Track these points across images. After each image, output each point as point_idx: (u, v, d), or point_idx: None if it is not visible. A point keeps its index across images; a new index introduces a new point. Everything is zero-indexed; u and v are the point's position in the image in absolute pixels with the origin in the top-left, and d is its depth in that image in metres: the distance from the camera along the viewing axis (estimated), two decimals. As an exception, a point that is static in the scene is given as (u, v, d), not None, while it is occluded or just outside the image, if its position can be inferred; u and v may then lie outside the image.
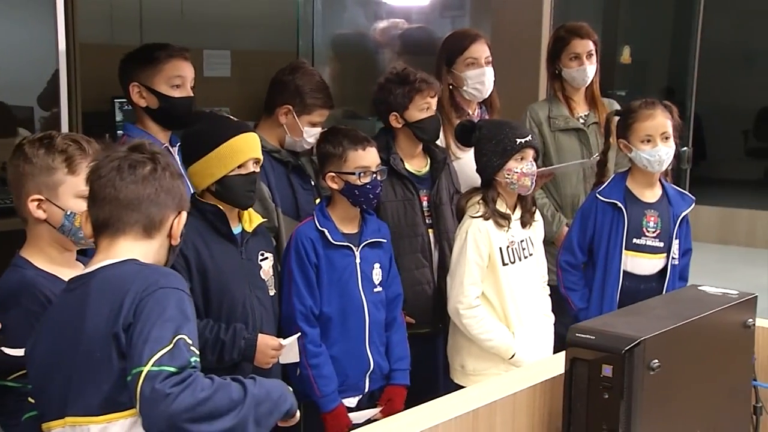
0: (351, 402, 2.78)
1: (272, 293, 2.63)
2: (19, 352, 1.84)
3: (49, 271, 2.03)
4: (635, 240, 3.08)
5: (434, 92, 3.10)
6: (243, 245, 2.53)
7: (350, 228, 2.79)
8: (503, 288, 2.94)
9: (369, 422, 2.12)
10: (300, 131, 3.04)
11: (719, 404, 1.95)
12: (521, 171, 2.92)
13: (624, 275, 3.07)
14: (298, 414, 1.83)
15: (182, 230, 1.84)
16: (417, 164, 3.14)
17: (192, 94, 2.79)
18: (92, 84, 3.17)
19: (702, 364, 1.86)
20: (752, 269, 7.37)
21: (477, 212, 2.95)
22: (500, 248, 2.94)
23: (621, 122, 3.15)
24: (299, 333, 2.62)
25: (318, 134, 3.02)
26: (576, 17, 4.43)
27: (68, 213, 2.03)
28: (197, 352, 1.64)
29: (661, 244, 3.09)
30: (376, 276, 2.81)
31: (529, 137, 2.99)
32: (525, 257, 3.02)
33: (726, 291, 1.99)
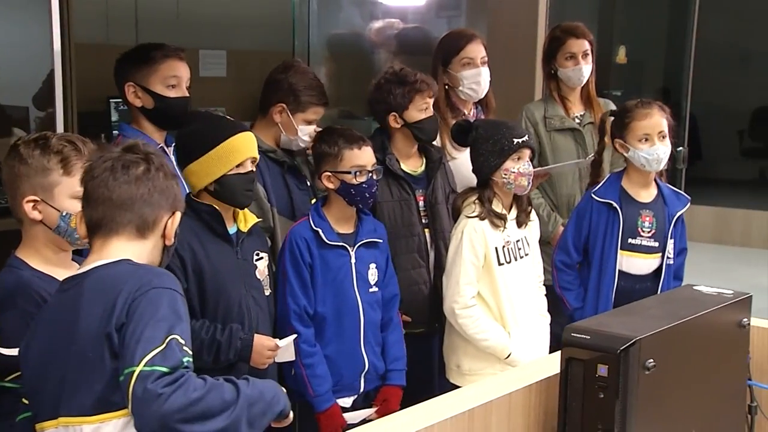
0: (346, 402, 2.78)
1: (268, 293, 2.63)
2: (16, 353, 1.83)
3: (45, 272, 2.02)
4: (630, 240, 3.08)
5: (433, 93, 3.10)
6: (238, 245, 2.53)
7: (346, 228, 2.79)
8: (499, 288, 2.95)
9: (364, 422, 2.12)
10: (295, 129, 3.03)
11: (714, 404, 1.95)
12: (518, 171, 2.93)
13: (619, 275, 3.08)
14: (292, 415, 1.83)
15: (176, 231, 1.84)
16: (413, 164, 3.14)
17: (188, 94, 2.79)
18: (88, 84, 3.16)
19: (697, 364, 1.86)
20: (747, 269, 7.38)
21: (473, 212, 2.95)
22: (496, 248, 2.95)
23: (617, 122, 3.15)
24: (295, 335, 2.62)
25: (313, 132, 3.02)
26: (571, 17, 4.44)
27: (64, 214, 2.02)
28: (190, 352, 1.63)
29: (656, 244, 3.10)
30: (372, 276, 2.81)
31: (526, 137, 2.99)
32: (521, 257, 3.03)
33: (721, 291, 2.00)
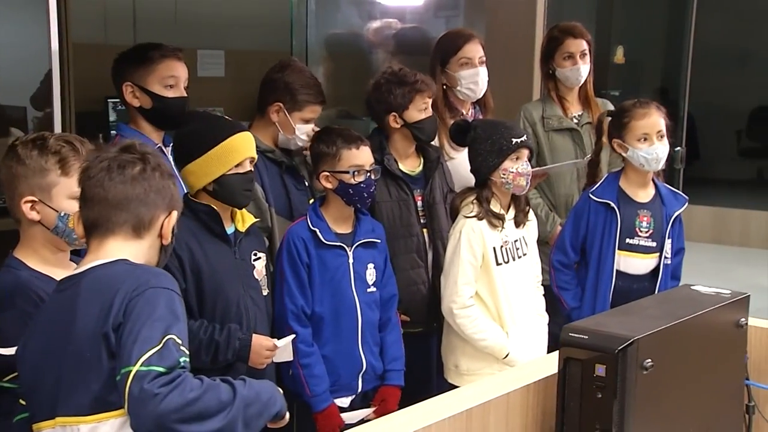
0: (344, 402, 2.78)
1: (265, 293, 2.63)
2: (14, 353, 1.83)
3: (43, 272, 2.02)
4: (628, 240, 3.08)
5: (432, 93, 3.10)
6: (236, 245, 2.53)
7: (344, 228, 2.79)
8: (497, 288, 2.95)
9: (362, 422, 2.12)
10: (292, 128, 3.03)
11: (712, 403, 1.95)
12: (517, 171, 2.93)
13: (617, 275, 3.08)
14: (288, 416, 1.83)
15: (173, 230, 1.84)
16: (410, 164, 3.14)
17: (185, 95, 2.79)
18: (85, 84, 3.16)
19: (695, 364, 1.86)
20: (745, 269, 7.38)
21: (471, 212, 2.95)
22: (494, 248, 2.95)
23: (614, 122, 3.15)
24: (294, 335, 2.62)
25: (311, 131, 3.01)
26: (569, 17, 4.44)
27: (62, 214, 2.02)
28: (187, 352, 1.63)
29: (654, 244, 3.10)
30: (370, 276, 2.81)
31: (525, 137, 3.00)
32: (519, 257, 3.03)
33: (719, 290, 2.00)
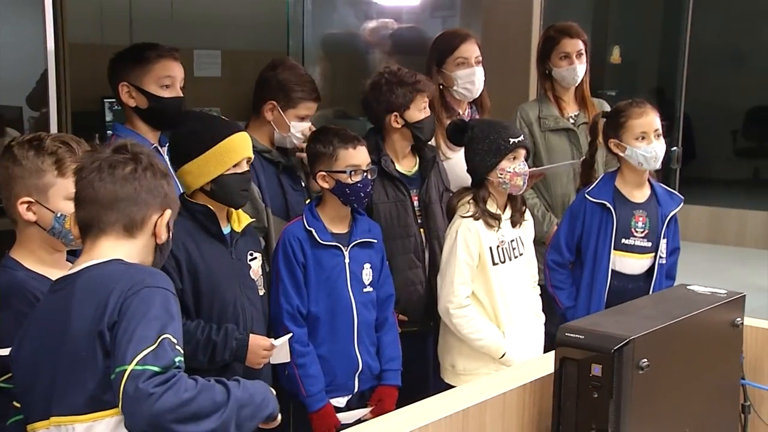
0: (340, 402, 2.78)
1: (262, 293, 2.63)
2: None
3: (39, 272, 2.02)
4: (624, 240, 3.09)
5: (431, 93, 3.10)
6: (233, 245, 2.53)
7: (340, 228, 2.79)
8: (493, 287, 2.95)
9: (359, 422, 2.12)
10: (287, 126, 3.02)
11: (708, 403, 1.95)
12: (514, 171, 2.93)
13: (612, 274, 3.08)
14: (279, 417, 1.83)
15: (169, 229, 1.83)
16: (407, 164, 3.13)
17: (182, 95, 2.78)
18: (82, 84, 3.17)
19: (691, 363, 1.87)
20: (741, 269, 7.39)
21: (467, 212, 2.95)
22: (490, 248, 2.95)
23: (610, 122, 3.15)
24: (290, 334, 2.62)
25: (306, 129, 3.01)
26: (566, 17, 4.45)
27: (58, 215, 2.02)
28: (182, 352, 1.64)
29: (649, 244, 3.11)
30: (366, 276, 2.80)
31: (522, 137, 3.00)
32: (515, 257, 3.03)
33: (714, 290, 2.00)
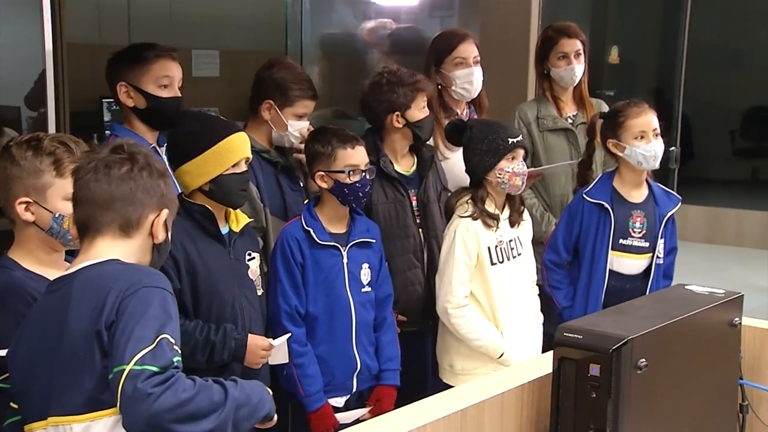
0: (338, 402, 2.78)
1: (260, 293, 2.63)
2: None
3: (38, 273, 2.01)
4: (621, 240, 3.09)
5: (431, 92, 3.11)
6: (231, 245, 2.53)
7: (338, 228, 2.79)
8: (492, 287, 2.95)
9: (357, 422, 2.12)
10: (284, 125, 3.01)
11: (706, 403, 1.96)
12: (513, 171, 2.93)
13: (609, 274, 3.09)
14: (276, 418, 1.84)
15: (166, 228, 1.83)
16: (405, 165, 3.13)
17: (180, 95, 2.78)
18: (80, 84, 3.16)
19: (689, 363, 1.87)
20: (740, 269, 7.39)
21: (466, 212, 2.95)
22: (489, 248, 2.95)
23: (608, 123, 3.15)
24: (289, 334, 2.62)
25: (304, 128, 3.01)
26: (564, 17, 4.45)
27: (56, 215, 2.01)
28: (179, 352, 1.64)
29: (647, 244, 3.11)
30: (365, 276, 2.80)
31: (521, 137, 3.00)
32: (513, 257, 3.03)
33: (713, 290, 2.01)
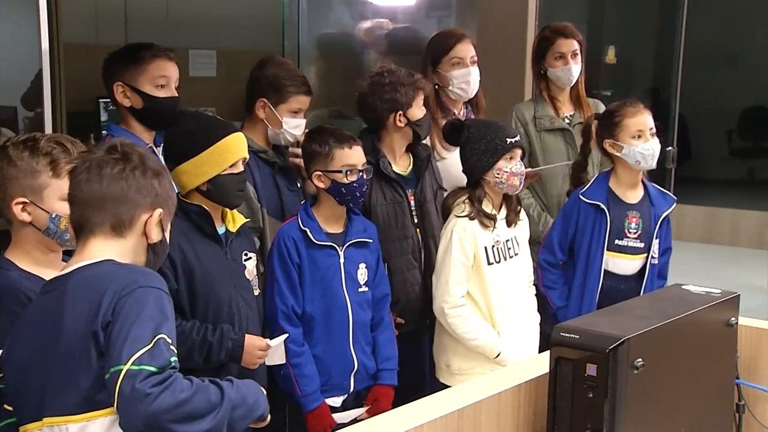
0: (335, 402, 2.78)
1: (257, 293, 2.62)
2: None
3: (34, 273, 2.01)
4: (617, 241, 3.10)
5: (428, 90, 3.12)
6: (227, 245, 2.53)
7: (335, 228, 2.79)
8: (488, 287, 2.95)
9: (355, 422, 2.12)
10: (279, 122, 3.00)
11: (703, 402, 1.96)
12: (511, 170, 2.93)
13: (604, 275, 3.09)
14: (269, 418, 1.84)
15: (162, 229, 1.82)
16: (402, 165, 3.13)
17: (176, 95, 2.78)
18: (77, 84, 3.15)
19: (685, 363, 1.87)
20: (736, 268, 7.40)
21: (462, 212, 2.95)
22: (485, 248, 2.95)
23: (605, 123, 3.16)
24: (287, 334, 2.62)
25: (301, 125, 3.01)
26: (561, 17, 4.45)
27: (53, 216, 2.01)
28: (176, 352, 1.64)
29: (642, 245, 3.12)
30: (362, 276, 2.80)
31: (518, 137, 3.00)
32: (510, 257, 3.03)
33: (709, 290, 2.01)
